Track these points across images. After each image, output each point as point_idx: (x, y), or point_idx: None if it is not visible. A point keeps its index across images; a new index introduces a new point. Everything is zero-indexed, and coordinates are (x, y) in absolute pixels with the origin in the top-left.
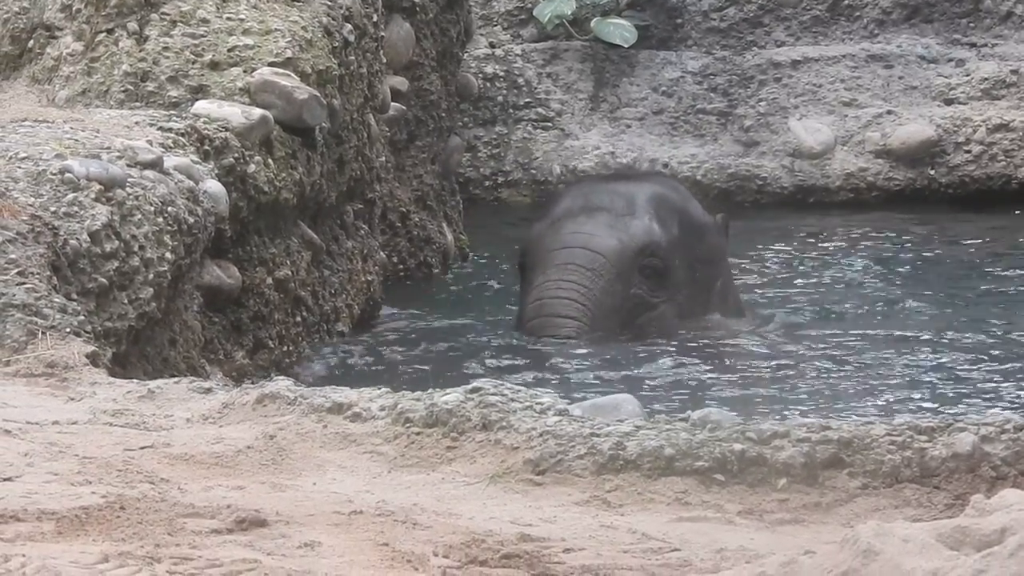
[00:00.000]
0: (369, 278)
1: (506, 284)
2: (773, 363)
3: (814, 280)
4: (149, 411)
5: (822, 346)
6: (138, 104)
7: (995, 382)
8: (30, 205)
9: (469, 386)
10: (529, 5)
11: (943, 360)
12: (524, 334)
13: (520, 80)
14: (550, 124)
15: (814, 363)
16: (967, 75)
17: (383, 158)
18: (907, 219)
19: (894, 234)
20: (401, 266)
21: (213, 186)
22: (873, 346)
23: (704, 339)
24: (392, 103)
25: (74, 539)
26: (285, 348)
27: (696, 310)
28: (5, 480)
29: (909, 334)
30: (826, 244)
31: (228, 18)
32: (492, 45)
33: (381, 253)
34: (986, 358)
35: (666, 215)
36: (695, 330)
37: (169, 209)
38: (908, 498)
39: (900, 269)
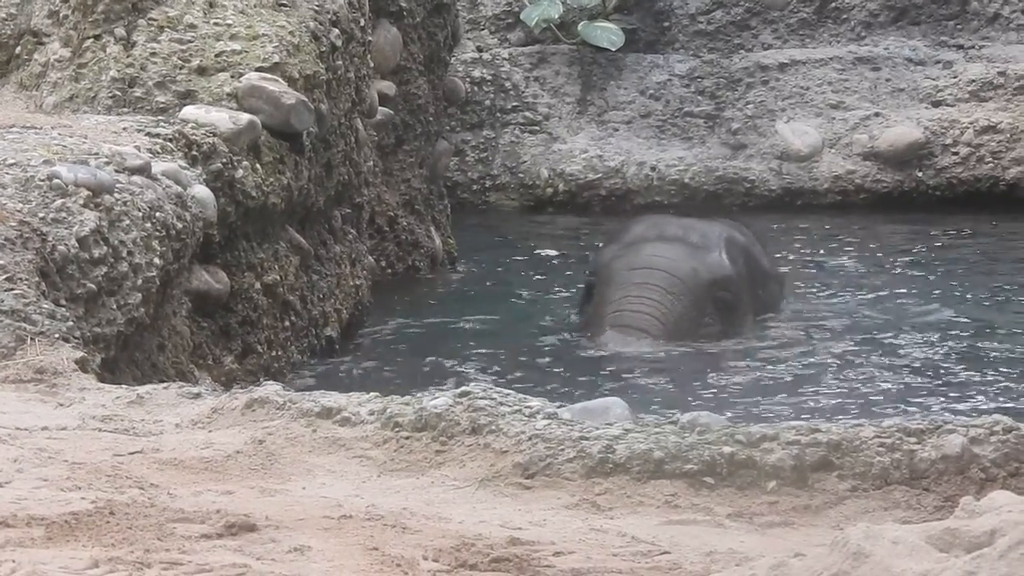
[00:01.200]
0: (357, 282)
1: (494, 287)
2: (761, 365)
3: (801, 283)
4: (138, 416)
5: (811, 348)
6: (126, 110)
7: (985, 383)
8: (18, 211)
9: (458, 390)
10: (516, 9)
11: (933, 361)
12: (596, 344)
13: (507, 84)
14: (538, 128)
15: (804, 365)
16: (954, 77)
17: (371, 162)
18: (895, 221)
19: (882, 236)
20: (389, 270)
21: (201, 191)
22: (862, 347)
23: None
24: (380, 107)
25: (64, 545)
26: (274, 353)
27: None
28: None
29: (898, 335)
30: (814, 246)
31: (215, 23)
32: (480, 49)
33: (369, 257)
34: (975, 359)
35: (736, 254)
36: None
37: (157, 214)
38: (897, 500)
39: (888, 271)
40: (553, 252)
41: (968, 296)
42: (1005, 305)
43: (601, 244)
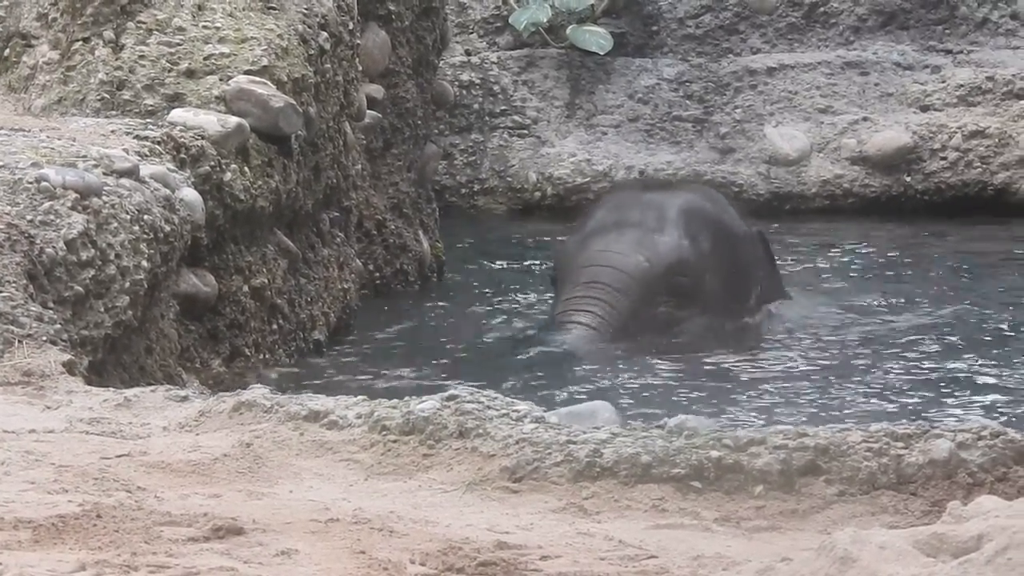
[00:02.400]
0: (345, 286)
1: (482, 291)
2: (748, 369)
3: (790, 287)
4: (126, 419)
5: (798, 352)
6: (114, 112)
7: (972, 387)
8: (6, 213)
9: (445, 393)
10: (505, 13)
11: (920, 365)
12: (546, 344)
13: (496, 88)
14: (526, 132)
15: (791, 369)
16: (943, 82)
17: (359, 166)
18: (883, 226)
19: (870, 241)
20: (377, 274)
21: (189, 194)
22: (850, 352)
23: (686, 347)
24: (368, 111)
25: (51, 547)
26: (262, 356)
27: (732, 318)
28: None
29: (886, 339)
30: (802, 251)
31: (204, 26)
32: (468, 53)
33: (357, 261)
34: (963, 363)
35: (698, 229)
36: (725, 338)
37: (145, 217)
38: (885, 505)
39: (876, 275)
40: (540, 256)
41: (956, 300)
42: (994, 309)
43: (564, 236)
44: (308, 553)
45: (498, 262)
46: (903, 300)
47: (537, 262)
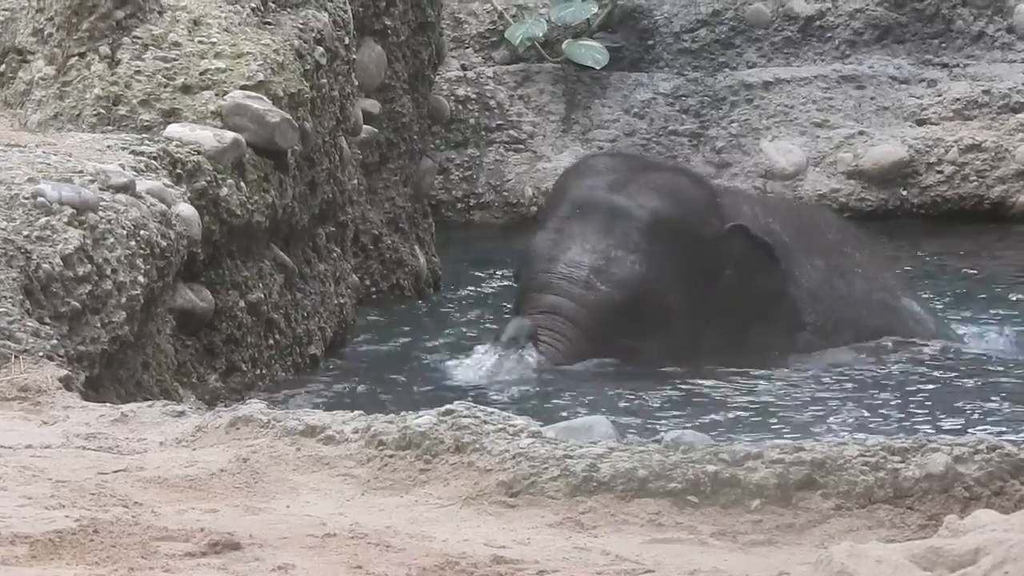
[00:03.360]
0: (341, 301)
1: (477, 306)
2: (744, 383)
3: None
4: (122, 435)
5: (792, 367)
6: (110, 128)
7: (968, 401)
8: (2, 229)
9: (442, 408)
10: (501, 27)
11: (916, 379)
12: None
13: (492, 102)
14: (522, 146)
15: (786, 383)
16: (939, 96)
17: (355, 181)
18: (879, 239)
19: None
20: (373, 288)
21: (185, 209)
22: (846, 365)
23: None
24: (364, 126)
25: (48, 563)
26: (258, 371)
27: (730, 329)
28: None
29: (881, 353)
30: None
31: (200, 41)
32: (464, 67)
33: (353, 276)
34: (959, 377)
35: (663, 244)
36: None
37: (142, 232)
38: (881, 519)
39: None
40: None
41: (952, 314)
42: (990, 324)
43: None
44: (305, 568)
45: (494, 277)
46: None
47: None
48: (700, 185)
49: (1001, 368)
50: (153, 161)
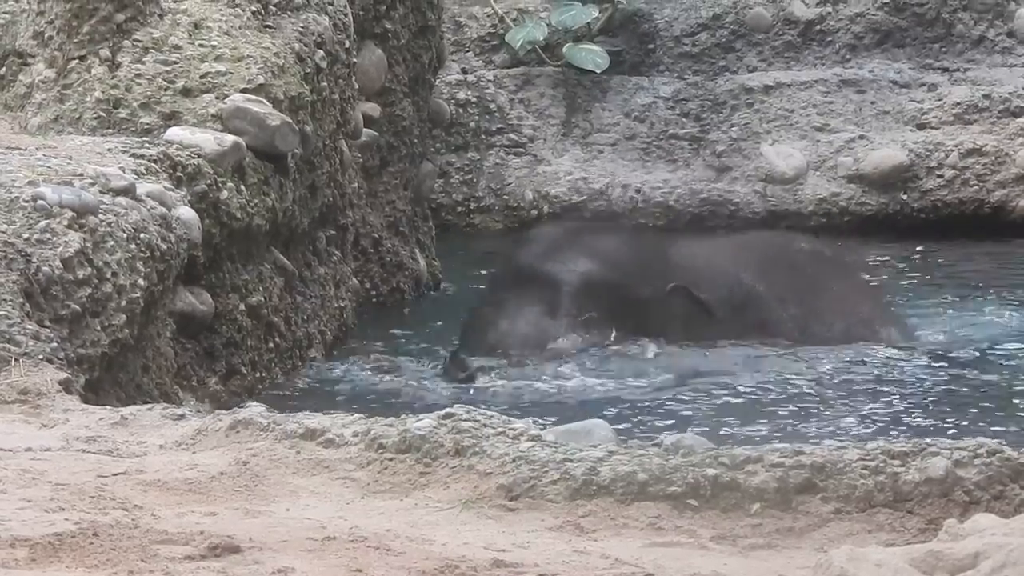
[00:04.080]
0: (341, 304)
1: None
2: (744, 386)
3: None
4: (122, 438)
5: (794, 370)
6: (110, 131)
7: (968, 405)
8: (2, 232)
9: (442, 412)
10: (501, 31)
11: (915, 383)
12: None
13: (492, 106)
14: (522, 150)
15: (788, 387)
16: (939, 100)
17: (355, 184)
18: (879, 244)
19: (867, 259)
20: (373, 292)
21: (186, 212)
22: (844, 369)
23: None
24: (364, 129)
25: (47, 566)
26: (258, 374)
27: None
28: None
29: (881, 357)
30: None
31: (200, 45)
32: (464, 71)
33: (353, 279)
34: (958, 381)
35: (596, 305)
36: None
37: (142, 236)
38: (881, 523)
39: None
40: None
41: (952, 319)
42: (989, 328)
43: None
44: (304, 571)
45: None
46: (898, 315)
47: None
48: (646, 246)
49: (996, 377)
50: (153, 164)
